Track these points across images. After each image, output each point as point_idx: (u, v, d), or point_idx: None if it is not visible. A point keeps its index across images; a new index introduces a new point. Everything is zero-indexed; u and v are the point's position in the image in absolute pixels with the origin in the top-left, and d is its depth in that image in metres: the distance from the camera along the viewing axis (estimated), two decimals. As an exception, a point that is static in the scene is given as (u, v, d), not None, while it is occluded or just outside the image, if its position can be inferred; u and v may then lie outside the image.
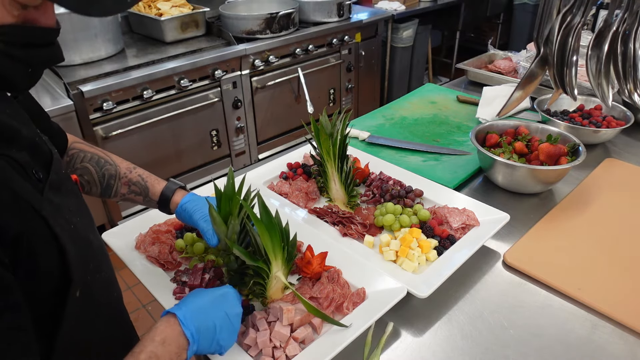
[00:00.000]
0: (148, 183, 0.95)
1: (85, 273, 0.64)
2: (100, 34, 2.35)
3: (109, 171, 0.93)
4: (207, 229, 0.87)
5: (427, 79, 4.35)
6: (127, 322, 0.85)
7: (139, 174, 0.96)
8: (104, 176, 0.93)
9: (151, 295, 0.91)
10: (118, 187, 0.94)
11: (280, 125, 3.03)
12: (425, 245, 1.00)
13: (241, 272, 0.88)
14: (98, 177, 0.92)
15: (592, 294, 0.94)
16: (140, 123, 2.32)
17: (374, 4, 3.55)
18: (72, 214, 0.65)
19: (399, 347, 0.86)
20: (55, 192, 0.62)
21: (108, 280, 0.74)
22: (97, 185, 0.93)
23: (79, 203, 0.70)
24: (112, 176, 0.93)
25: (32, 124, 0.68)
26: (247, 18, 2.66)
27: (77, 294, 0.61)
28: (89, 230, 0.69)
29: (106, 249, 0.79)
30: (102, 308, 0.72)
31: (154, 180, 0.96)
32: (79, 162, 0.91)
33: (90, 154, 0.93)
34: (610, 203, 1.21)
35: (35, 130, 0.67)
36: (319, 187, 1.22)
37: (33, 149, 0.62)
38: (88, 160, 0.92)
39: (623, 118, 1.49)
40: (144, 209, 1.10)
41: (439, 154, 1.42)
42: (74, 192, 0.70)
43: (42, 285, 0.57)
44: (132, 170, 0.96)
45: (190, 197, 0.93)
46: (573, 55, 1.35)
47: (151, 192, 0.95)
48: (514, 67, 1.95)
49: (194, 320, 0.70)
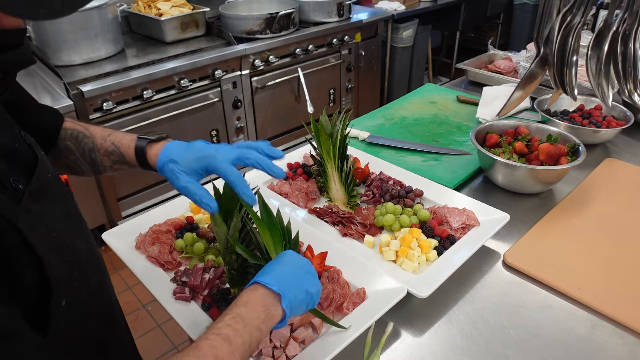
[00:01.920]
0: (121, 149, 0.86)
1: (70, 281, 0.61)
2: (100, 34, 2.36)
3: (87, 145, 0.86)
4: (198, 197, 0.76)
5: (427, 79, 4.35)
6: (120, 324, 0.82)
7: (112, 142, 0.86)
8: (84, 152, 0.86)
9: (151, 295, 0.91)
10: (101, 160, 0.87)
11: (280, 125, 3.03)
12: (425, 245, 1.00)
13: (242, 271, 0.88)
14: (80, 154, 0.86)
15: (592, 294, 0.94)
16: (140, 123, 2.32)
17: (374, 4, 3.55)
18: (55, 220, 0.62)
19: (399, 347, 0.86)
20: (36, 199, 0.59)
21: (98, 285, 0.71)
22: (84, 163, 0.87)
23: (66, 207, 0.67)
24: (92, 150, 0.86)
25: (14, 126, 0.64)
26: (247, 18, 2.66)
27: (62, 304, 0.58)
28: (76, 235, 0.66)
29: (99, 251, 0.75)
30: (92, 313, 0.69)
31: (126, 145, 0.86)
32: (62, 142, 0.86)
33: (69, 131, 0.87)
34: (610, 203, 1.21)
35: (15, 134, 0.63)
36: (319, 187, 1.22)
37: (11, 156, 0.59)
38: (68, 138, 0.86)
39: (623, 118, 1.49)
40: (144, 209, 1.09)
41: (439, 154, 1.42)
42: (62, 195, 0.67)
43: (26, 298, 0.54)
44: (106, 138, 0.87)
45: (162, 159, 0.81)
46: (573, 55, 1.35)
47: (128, 159, 0.86)
48: (514, 67, 1.95)
49: (276, 279, 0.69)
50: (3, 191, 0.54)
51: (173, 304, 0.89)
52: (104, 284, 0.75)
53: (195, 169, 0.79)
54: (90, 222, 2.38)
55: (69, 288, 0.61)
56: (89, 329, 0.68)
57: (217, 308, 0.88)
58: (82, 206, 0.73)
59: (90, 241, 0.72)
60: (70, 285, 0.61)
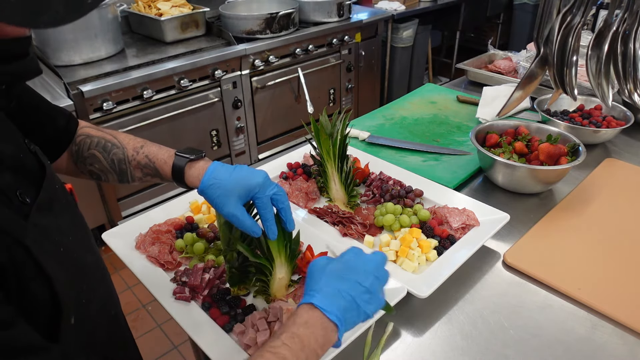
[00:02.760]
0: (156, 164, 0.84)
1: (79, 296, 0.60)
2: (100, 34, 2.36)
3: (117, 155, 0.85)
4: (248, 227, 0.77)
5: (427, 79, 4.35)
6: (127, 337, 0.82)
7: (145, 155, 0.85)
8: (113, 162, 0.84)
9: (151, 295, 0.91)
10: (132, 171, 0.85)
11: (280, 125, 3.03)
12: (425, 245, 1.00)
13: (243, 269, 0.88)
14: (108, 164, 0.84)
15: (592, 294, 0.94)
16: (140, 123, 2.32)
17: (374, 4, 3.55)
18: (62, 234, 0.60)
19: (399, 347, 0.86)
20: (44, 212, 0.57)
21: (105, 298, 0.70)
22: (111, 172, 0.85)
23: (72, 218, 0.66)
24: (122, 160, 0.85)
25: (18, 135, 0.62)
26: (247, 18, 2.66)
27: (71, 321, 0.57)
28: (83, 247, 0.65)
29: (104, 263, 0.74)
30: (99, 328, 0.67)
31: (162, 161, 0.84)
32: (87, 150, 0.84)
33: (97, 139, 0.85)
34: (610, 203, 1.21)
35: (20, 144, 0.61)
36: (319, 187, 1.22)
37: (18, 168, 0.57)
38: (95, 146, 0.84)
39: (623, 118, 1.49)
40: (144, 209, 1.09)
41: (439, 154, 1.42)
42: (68, 206, 0.65)
43: (37, 317, 0.53)
44: (139, 151, 0.85)
45: (208, 181, 0.79)
46: (573, 55, 1.35)
47: (162, 174, 0.85)
48: (514, 67, 1.95)
49: (332, 304, 0.64)
50: (9, 206, 0.52)
51: (173, 304, 0.89)
52: (109, 298, 0.74)
53: (240, 192, 0.78)
54: (90, 222, 2.38)
55: (78, 304, 0.60)
56: (97, 343, 0.67)
57: (217, 308, 0.88)
58: (82, 206, 0.72)
59: (96, 253, 0.71)
60: (79, 301, 0.60)
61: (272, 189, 0.80)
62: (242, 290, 0.93)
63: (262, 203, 0.79)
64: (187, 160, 0.83)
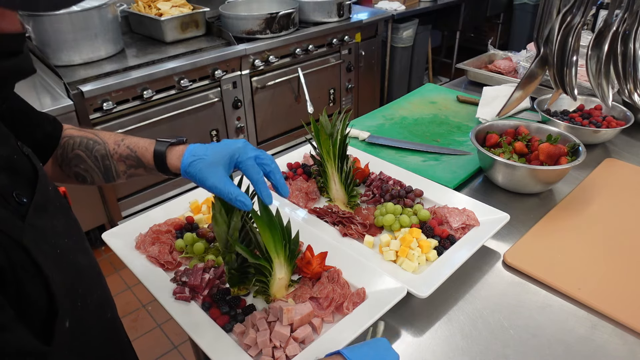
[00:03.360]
0: (138, 153, 0.83)
1: (74, 299, 0.59)
2: (101, 34, 2.36)
3: (100, 152, 0.83)
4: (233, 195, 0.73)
5: (427, 79, 4.35)
6: (123, 340, 0.81)
7: (127, 146, 0.83)
8: (97, 159, 0.83)
9: (151, 295, 0.91)
10: (115, 165, 0.84)
11: (280, 125, 3.03)
12: (425, 245, 1.00)
13: (242, 270, 0.88)
14: (92, 162, 0.83)
15: (592, 294, 0.94)
16: (140, 123, 2.32)
17: (374, 4, 3.55)
18: (58, 236, 0.60)
19: (399, 347, 0.86)
20: (40, 214, 0.57)
21: (100, 302, 0.69)
22: (96, 171, 0.84)
23: (67, 220, 0.65)
24: (105, 156, 0.83)
25: (10, 137, 0.61)
26: (247, 18, 2.66)
27: (66, 325, 0.56)
28: (78, 249, 0.64)
29: (99, 266, 0.73)
30: (94, 332, 0.66)
31: (143, 148, 0.83)
32: (71, 151, 0.84)
33: (79, 139, 0.84)
34: (610, 203, 1.21)
35: (14, 146, 0.60)
36: (319, 187, 1.22)
37: (12, 169, 0.56)
38: (78, 146, 0.83)
39: (623, 118, 1.49)
40: (144, 209, 1.09)
41: (439, 154, 1.42)
42: (63, 208, 0.65)
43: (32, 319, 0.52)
44: (120, 143, 0.84)
45: (188, 158, 0.78)
46: (573, 55, 1.35)
47: (145, 163, 0.83)
48: (514, 67, 1.95)
49: None
50: (6, 207, 0.52)
51: (173, 304, 0.89)
52: (106, 302, 0.73)
53: (222, 161, 0.75)
54: (90, 222, 2.38)
55: (73, 307, 0.59)
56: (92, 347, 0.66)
57: (217, 308, 0.88)
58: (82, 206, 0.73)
59: (91, 255, 0.70)
60: (74, 304, 0.59)
61: (255, 151, 0.77)
62: (242, 290, 0.93)
63: (247, 166, 0.75)
64: (167, 144, 0.82)
